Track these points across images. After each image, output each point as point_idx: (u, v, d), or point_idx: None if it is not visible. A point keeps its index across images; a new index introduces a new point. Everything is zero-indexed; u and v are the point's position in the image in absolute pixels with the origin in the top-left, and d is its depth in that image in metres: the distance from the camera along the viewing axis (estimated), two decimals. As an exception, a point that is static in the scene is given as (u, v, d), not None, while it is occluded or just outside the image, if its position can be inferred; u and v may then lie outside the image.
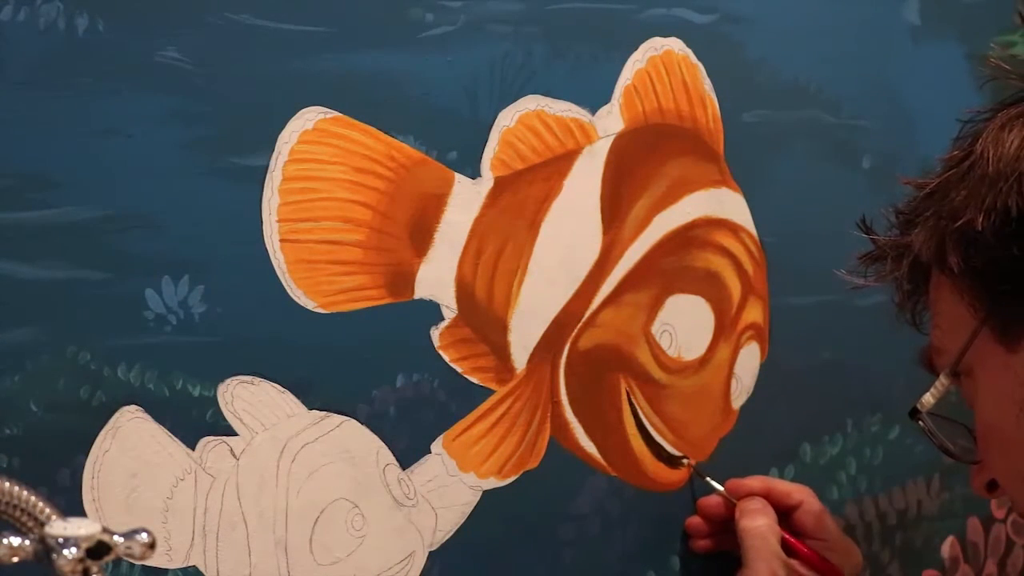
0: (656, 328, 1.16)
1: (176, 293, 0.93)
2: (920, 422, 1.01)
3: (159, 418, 0.92)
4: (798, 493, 1.18)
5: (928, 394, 1.00)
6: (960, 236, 0.94)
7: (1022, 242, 0.91)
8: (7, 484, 0.72)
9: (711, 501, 1.18)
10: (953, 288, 0.96)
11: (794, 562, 1.15)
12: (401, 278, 1.02)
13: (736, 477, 1.19)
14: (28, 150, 0.87)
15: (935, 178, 0.98)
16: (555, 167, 1.10)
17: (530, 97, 1.08)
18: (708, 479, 1.18)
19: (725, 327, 1.21)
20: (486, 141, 1.06)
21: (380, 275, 1.01)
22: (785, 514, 1.17)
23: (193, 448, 0.94)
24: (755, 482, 1.18)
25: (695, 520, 1.18)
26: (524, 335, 1.08)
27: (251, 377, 0.96)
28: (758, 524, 1.14)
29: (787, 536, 1.16)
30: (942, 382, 1.00)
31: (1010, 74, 1.00)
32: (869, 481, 1.32)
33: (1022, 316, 0.93)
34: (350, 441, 1.00)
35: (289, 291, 0.97)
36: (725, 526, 1.17)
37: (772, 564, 1.13)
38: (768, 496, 1.17)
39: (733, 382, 1.23)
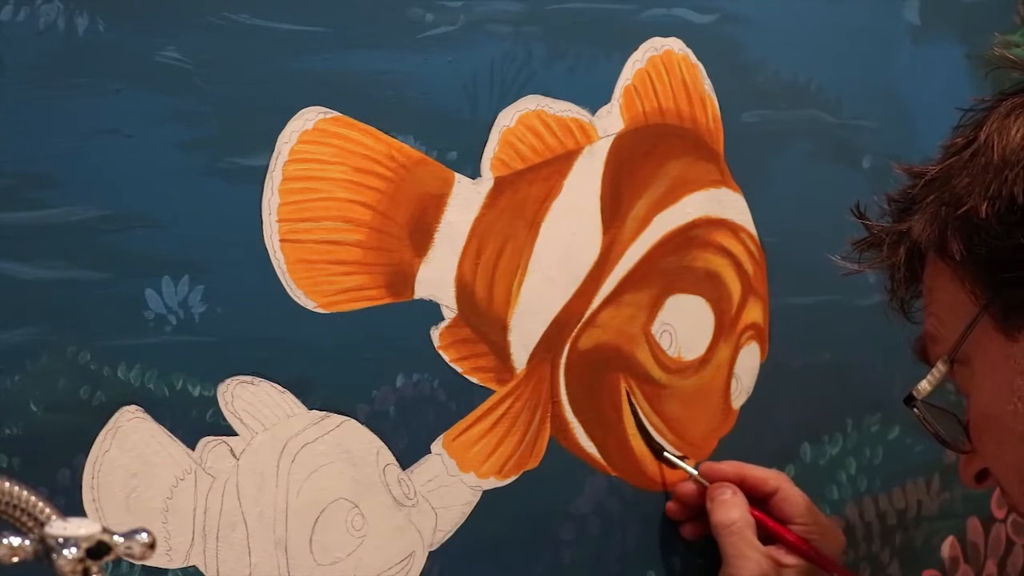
0: (656, 328, 1.16)
1: (176, 293, 0.92)
2: (915, 409, 1.00)
3: (159, 418, 0.92)
4: (774, 480, 1.17)
5: (924, 381, 1.00)
6: (963, 223, 0.93)
7: None
8: (7, 484, 0.72)
9: (686, 487, 1.16)
10: (953, 276, 0.96)
11: (772, 549, 1.14)
12: (401, 278, 1.02)
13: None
14: (28, 150, 0.87)
15: (935, 165, 0.98)
16: (555, 167, 1.10)
17: (530, 97, 1.08)
18: (680, 462, 1.16)
19: (725, 327, 1.21)
20: (486, 141, 1.06)
21: (380, 275, 1.01)
22: (762, 501, 1.16)
23: (193, 448, 0.94)
24: (728, 467, 1.16)
25: (671, 505, 1.17)
26: (524, 335, 1.08)
27: (251, 377, 0.96)
28: (733, 519, 1.13)
29: (771, 523, 1.15)
30: (939, 369, 0.99)
31: (1013, 64, 0.99)
32: (869, 481, 1.31)
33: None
34: (350, 441, 1.00)
35: (289, 291, 0.97)
36: (703, 510, 1.16)
37: (754, 556, 1.12)
38: (743, 484, 1.16)
39: (733, 382, 1.22)
